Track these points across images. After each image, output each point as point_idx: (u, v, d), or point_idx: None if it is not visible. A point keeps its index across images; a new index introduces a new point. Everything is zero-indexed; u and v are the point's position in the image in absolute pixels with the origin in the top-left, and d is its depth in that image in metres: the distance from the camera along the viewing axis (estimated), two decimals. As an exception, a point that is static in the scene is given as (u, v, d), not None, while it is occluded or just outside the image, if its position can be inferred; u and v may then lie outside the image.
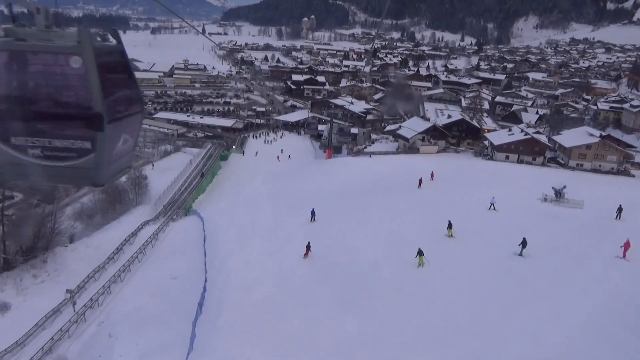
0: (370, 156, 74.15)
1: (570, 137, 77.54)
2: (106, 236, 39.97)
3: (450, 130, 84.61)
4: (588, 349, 19.19)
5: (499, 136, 75.77)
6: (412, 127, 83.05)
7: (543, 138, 74.47)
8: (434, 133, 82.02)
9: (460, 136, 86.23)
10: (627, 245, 29.29)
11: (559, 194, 40.57)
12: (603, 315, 21.73)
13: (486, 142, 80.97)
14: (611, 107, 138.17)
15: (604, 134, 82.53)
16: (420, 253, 28.17)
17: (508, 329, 21.00)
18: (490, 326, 21.20)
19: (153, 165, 65.75)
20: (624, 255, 29.27)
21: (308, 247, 31.43)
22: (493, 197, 40.56)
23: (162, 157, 76.91)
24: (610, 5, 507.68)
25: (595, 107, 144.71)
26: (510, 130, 77.60)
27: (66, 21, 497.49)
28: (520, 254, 29.34)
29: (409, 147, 79.70)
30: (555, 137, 79.54)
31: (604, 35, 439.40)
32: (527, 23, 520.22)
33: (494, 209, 39.90)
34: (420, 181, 50.29)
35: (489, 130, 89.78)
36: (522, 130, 75.42)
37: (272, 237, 34.38)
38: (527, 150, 72.49)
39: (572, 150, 73.22)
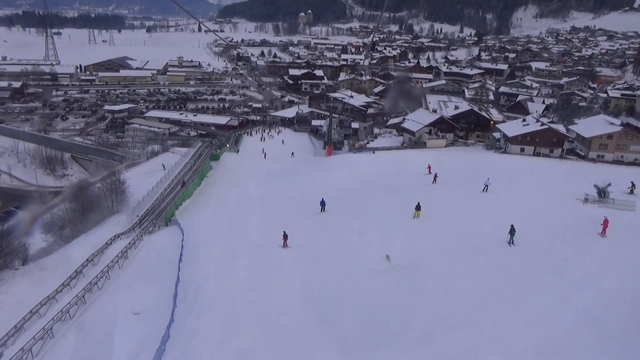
0: (374, 152, 68.40)
1: (589, 127, 71.65)
2: (69, 254, 33.45)
3: (457, 123, 78.78)
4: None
5: (512, 127, 69.77)
6: (417, 119, 77.10)
7: (561, 128, 68.55)
8: (441, 125, 76.10)
9: (469, 128, 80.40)
10: (605, 223, 29.81)
11: (602, 193, 34.72)
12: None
13: (496, 134, 75.20)
14: (623, 95, 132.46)
15: (624, 122, 76.62)
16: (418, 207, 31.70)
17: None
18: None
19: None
20: (604, 233, 29.61)
21: (285, 237, 30.70)
22: (488, 179, 40.52)
23: (148, 159, 71.12)
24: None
25: (605, 95, 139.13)
26: (524, 120, 71.60)
27: (60, 22, 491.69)
28: (511, 242, 28.15)
29: (415, 142, 73.88)
30: (573, 127, 73.59)
31: (605, 23, 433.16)
32: (526, 12, 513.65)
33: (486, 190, 39.97)
34: (435, 177, 46.61)
35: (495, 123, 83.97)
36: (537, 120, 69.47)
37: (261, 256, 28.54)
38: (544, 142, 66.56)
39: (592, 140, 67.35)
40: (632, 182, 41.20)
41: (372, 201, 39.44)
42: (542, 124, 67.34)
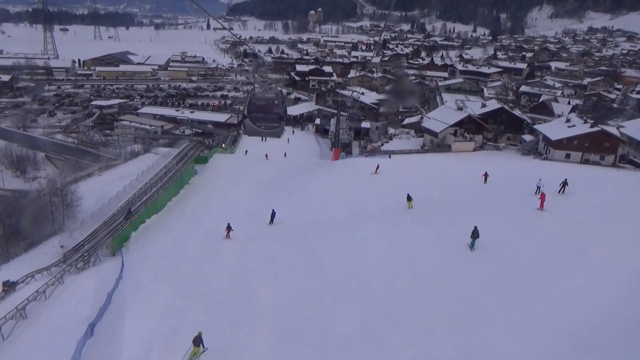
0: (390, 156, 58.04)
1: (641, 129, 61.09)
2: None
3: (486, 123, 68.04)
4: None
5: (555, 129, 58.80)
6: (440, 118, 66.44)
7: (614, 130, 57.61)
8: (469, 126, 65.42)
9: (499, 129, 69.61)
10: (542, 197, 31.00)
11: None
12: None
13: (526, 137, 64.37)
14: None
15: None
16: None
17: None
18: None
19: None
20: (541, 207, 30.75)
21: (229, 228, 30.19)
22: (540, 180, 36.04)
23: (127, 160, 61.26)
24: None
25: (639, 97, 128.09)
26: (568, 120, 60.67)
27: (69, 19, 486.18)
28: (472, 247, 25.71)
29: (437, 144, 63.34)
30: (623, 130, 62.64)
31: (623, 24, 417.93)
32: (541, 12, 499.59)
33: (538, 192, 34.56)
34: (486, 176, 42.55)
35: (529, 124, 73.24)
36: (585, 121, 58.67)
37: (224, 320, 18.11)
38: (594, 147, 55.72)
39: (651, 146, 56.69)
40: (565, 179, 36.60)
41: (404, 233, 29.08)
42: (592, 125, 56.56)
